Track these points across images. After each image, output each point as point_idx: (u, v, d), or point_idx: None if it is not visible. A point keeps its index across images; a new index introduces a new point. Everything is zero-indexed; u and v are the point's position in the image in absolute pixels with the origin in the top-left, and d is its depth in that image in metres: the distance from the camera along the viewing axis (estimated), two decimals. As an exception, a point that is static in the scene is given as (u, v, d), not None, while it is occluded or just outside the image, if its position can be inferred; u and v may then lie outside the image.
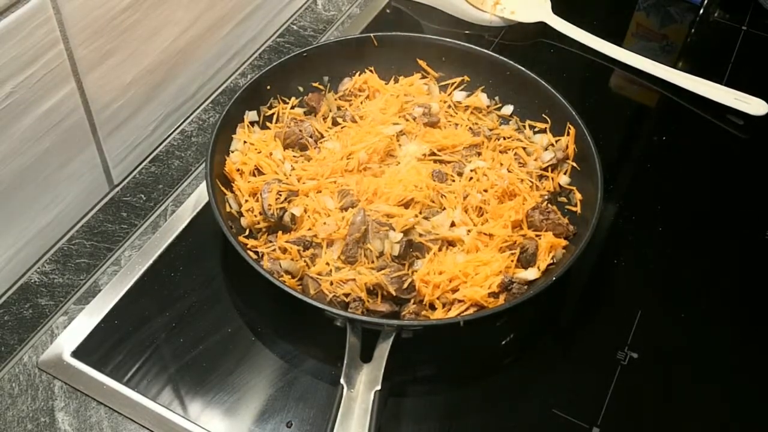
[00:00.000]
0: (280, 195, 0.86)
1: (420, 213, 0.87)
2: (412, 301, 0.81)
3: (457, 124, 0.99)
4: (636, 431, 0.79)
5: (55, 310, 0.84)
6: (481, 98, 1.01)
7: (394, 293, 0.79)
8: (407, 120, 0.97)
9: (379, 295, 0.80)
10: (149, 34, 0.90)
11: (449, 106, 1.01)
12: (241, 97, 0.94)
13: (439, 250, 0.84)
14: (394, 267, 0.81)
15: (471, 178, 0.91)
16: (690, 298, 0.89)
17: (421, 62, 1.03)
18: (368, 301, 0.80)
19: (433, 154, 0.94)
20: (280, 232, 0.86)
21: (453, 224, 0.86)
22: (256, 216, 0.87)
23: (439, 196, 0.89)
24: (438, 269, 0.82)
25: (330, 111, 0.99)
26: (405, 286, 0.80)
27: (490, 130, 0.99)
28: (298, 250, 0.83)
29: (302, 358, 0.81)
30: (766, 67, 1.18)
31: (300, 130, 0.94)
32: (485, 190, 0.90)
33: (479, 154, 0.95)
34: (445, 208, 0.88)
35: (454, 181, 0.91)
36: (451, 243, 0.85)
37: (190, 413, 0.77)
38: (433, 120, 0.97)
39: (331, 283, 0.80)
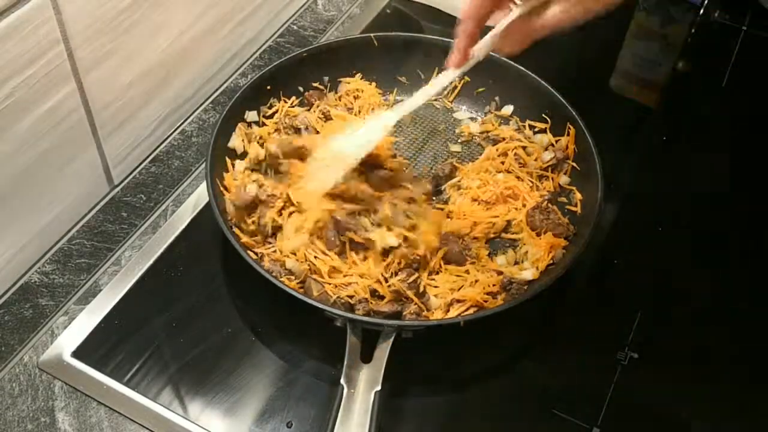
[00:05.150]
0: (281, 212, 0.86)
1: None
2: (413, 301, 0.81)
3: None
4: (636, 431, 0.79)
5: (56, 310, 0.84)
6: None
7: (413, 298, 0.80)
8: None
9: (386, 297, 0.80)
10: (149, 34, 0.90)
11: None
12: (241, 97, 0.94)
13: None
14: (406, 272, 0.81)
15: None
16: (690, 298, 0.89)
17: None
18: (371, 302, 0.79)
19: None
20: (280, 234, 0.86)
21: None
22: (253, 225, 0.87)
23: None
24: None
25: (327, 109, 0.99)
26: (420, 290, 0.80)
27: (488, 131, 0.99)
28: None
29: (302, 358, 0.81)
30: (766, 67, 1.18)
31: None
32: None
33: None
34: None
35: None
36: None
37: (190, 413, 0.77)
38: None
39: (336, 286, 0.80)
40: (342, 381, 0.72)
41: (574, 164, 0.94)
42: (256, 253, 0.84)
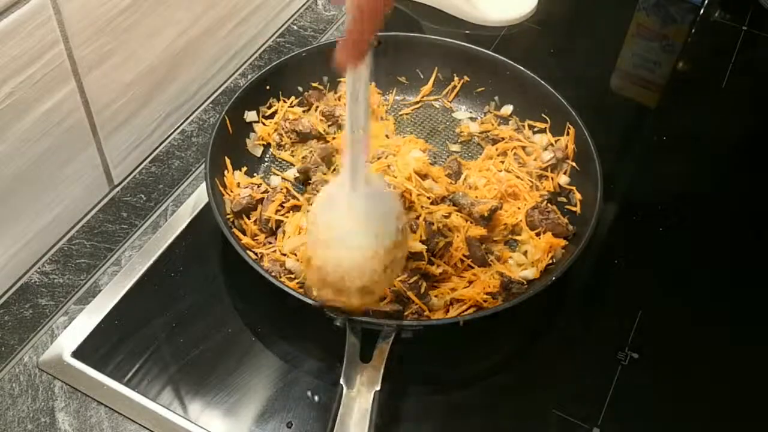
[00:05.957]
0: (282, 207, 0.86)
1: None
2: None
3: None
4: (636, 431, 0.79)
5: (56, 310, 0.84)
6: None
7: (414, 299, 0.80)
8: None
9: (387, 298, 0.80)
10: (149, 34, 0.90)
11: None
12: (241, 97, 0.94)
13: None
14: (407, 273, 0.81)
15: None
16: (690, 297, 0.89)
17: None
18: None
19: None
20: (280, 235, 0.86)
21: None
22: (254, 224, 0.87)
23: None
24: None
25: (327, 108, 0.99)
26: (422, 291, 0.80)
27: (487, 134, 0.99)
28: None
29: (302, 358, 0.81)
30: (767, 67, 1.18)
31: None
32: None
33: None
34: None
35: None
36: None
37: (190, 413, 0.77)
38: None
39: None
40: (341, 381, 0.72)
41: (574, 164, 0.94)
42: (256, 253, 0.84)
